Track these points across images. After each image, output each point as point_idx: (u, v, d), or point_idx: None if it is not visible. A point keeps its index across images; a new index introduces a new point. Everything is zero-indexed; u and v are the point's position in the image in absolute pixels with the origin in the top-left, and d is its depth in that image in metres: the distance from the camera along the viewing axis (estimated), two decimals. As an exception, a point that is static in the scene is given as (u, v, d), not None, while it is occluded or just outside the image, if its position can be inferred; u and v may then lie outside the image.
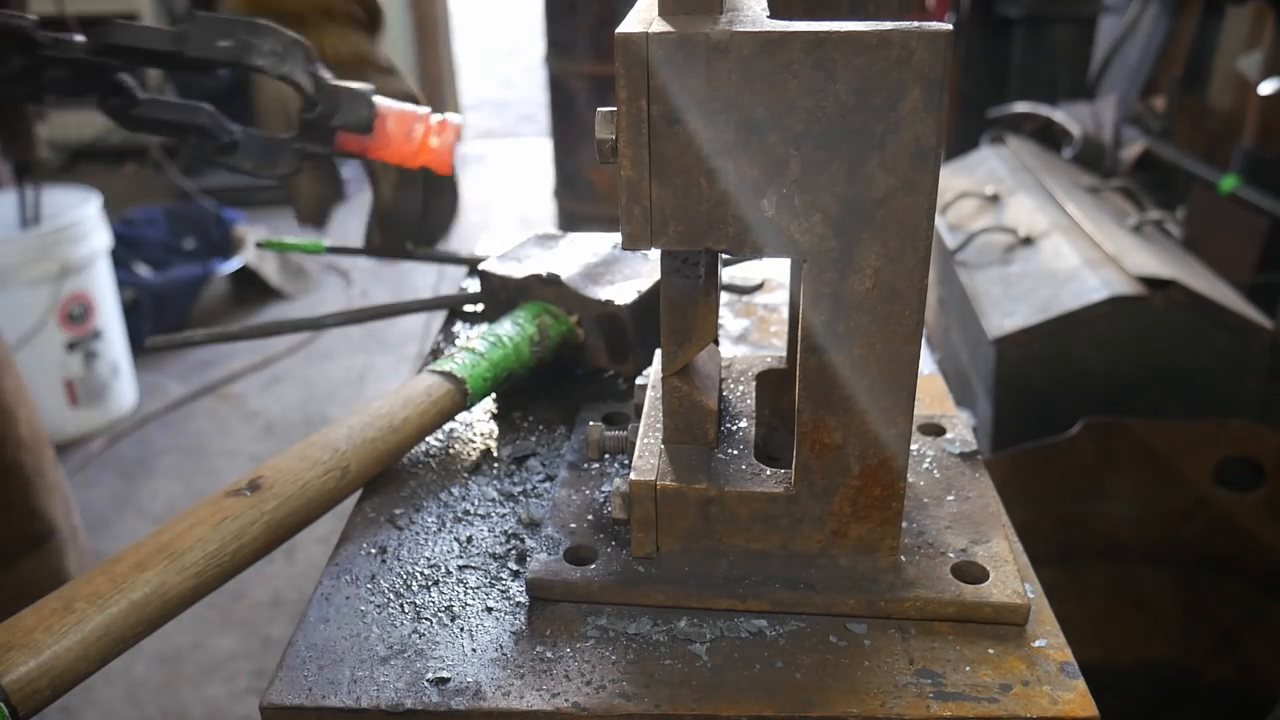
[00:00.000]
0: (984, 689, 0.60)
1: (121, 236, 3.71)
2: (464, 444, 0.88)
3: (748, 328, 1.07)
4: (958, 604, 0.65)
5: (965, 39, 3.03)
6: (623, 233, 0.61)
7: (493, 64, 8.38)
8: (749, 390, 0.79)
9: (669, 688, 0.61)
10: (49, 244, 2.97)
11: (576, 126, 3.68)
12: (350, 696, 0.61)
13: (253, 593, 2.53)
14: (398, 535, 0.76)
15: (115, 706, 2.22)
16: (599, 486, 0.77)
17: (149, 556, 0.65)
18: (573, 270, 0.95)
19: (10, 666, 0.57)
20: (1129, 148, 2.49)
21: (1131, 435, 1.51)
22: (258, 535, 0.69)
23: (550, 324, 0.93)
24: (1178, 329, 1.55)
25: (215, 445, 3.18)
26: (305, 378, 3.59)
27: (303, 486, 0.73)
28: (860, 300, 0.61)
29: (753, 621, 0.66)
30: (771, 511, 0.67)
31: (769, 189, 0.59)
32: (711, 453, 0.71)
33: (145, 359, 3.60)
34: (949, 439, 0.81)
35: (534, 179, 5.41)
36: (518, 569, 0.72)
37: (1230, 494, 1.52)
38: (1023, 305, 1.66)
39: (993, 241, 1.93)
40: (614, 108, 0.59)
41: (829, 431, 0.65)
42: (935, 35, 0.55)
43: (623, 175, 0.59)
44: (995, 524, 0.72)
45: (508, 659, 0.63)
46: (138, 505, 2.88)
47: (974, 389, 1.79)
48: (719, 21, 0.57)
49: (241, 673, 2.31)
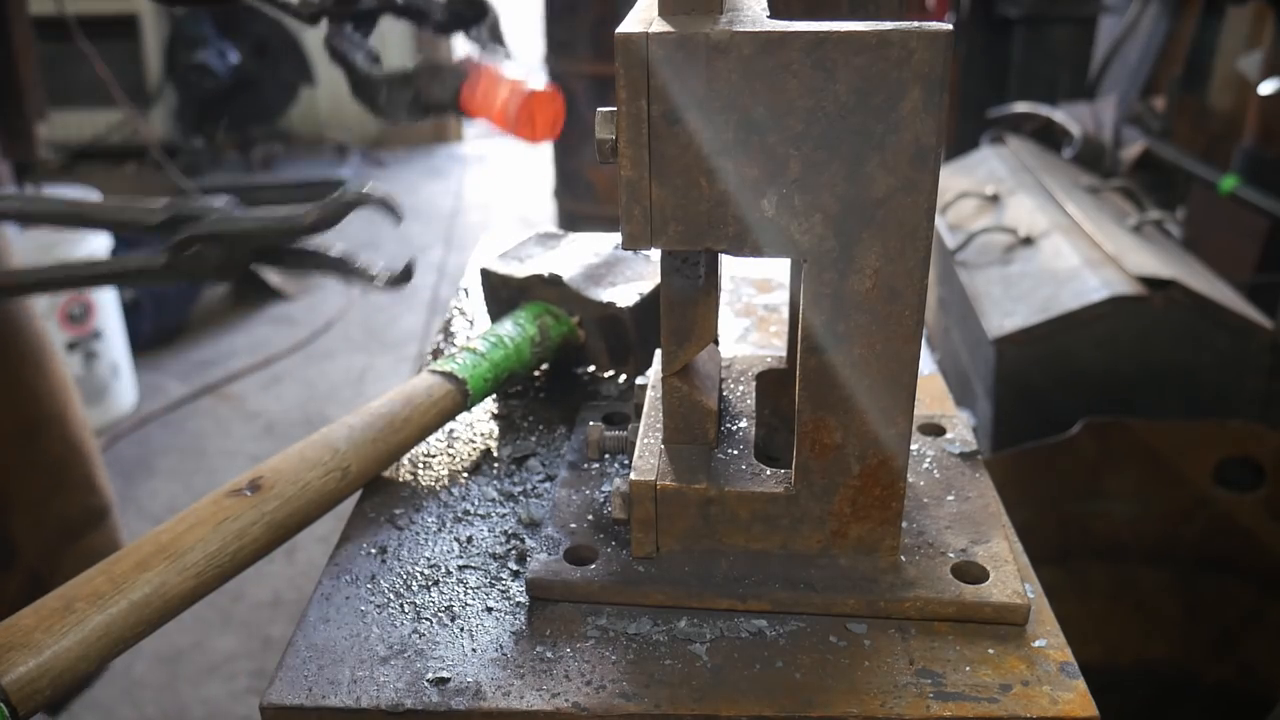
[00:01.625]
0: (984, 689, 0.60)
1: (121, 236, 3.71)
2: (464, 444, 0.88)
3: (748, 328, 1.07)
4: (958, 604, 0.65)
5: (965, 39, 3.03)
6: (623, 233, 0.61)
7: (493, 64, 8.37)
8: (749, 390, 0.79)
9: (669, 688, 0.61)
10: (49, 244, 2.97)
11: (576, 126, 3.68)
12: (350, 696, 0.61)
13: (253, 593, 2.53)
14: (398, 535, 0.76)
15: (115, 706, 2.22)
16: (599, 486, 0.77)
17: (149, 556, 0.64)
18: (574, 271, 0.95)
19: (10, 666, 0.57)
20: (1129, 148, 2.50)
21: (1131, 435, 1.51)
22: (258, 535, 0.69)
23: (551, 325, 0.93)
24: (1178, 329, 1.55)
25: (215, 445, 3.18)
26: (305, 378, 3.59)
27: (303, 486, 0.73)
28: (860, 300, 0.61)
29: (753, 621, 0.66)
30: (771, 511, 0.67)
31: (769, 189, 0.59)
32: (711, 453, 0.71)
33: (145, 359, 3.60)
34: (949, 439, 0.81)
35: (534, 179, 5.41)
36: (518, 569, 0.72)
37: (1230, 494, 1.52)
38: (1023, 305, 1.66)
39: (993, 241, 1.93)
40: (614, 108, 0.59)
41: (829, 431, 0.65)
42: (935, 35, 0.55)
43: (623, 175, 0.59)
44: (995, 524, 0.72)
45: (508, 659, 0.63)
46: (138, 505, 2.88)
47: (974, 389, 1.79)
48: (719, 21, 0.57)
49: (241, 673, 2.31)
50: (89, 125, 5.27)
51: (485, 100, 0.98)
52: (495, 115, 0.99)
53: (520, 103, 0.97)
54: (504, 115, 0.98)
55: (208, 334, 3.92)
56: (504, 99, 0.98)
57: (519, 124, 0.97)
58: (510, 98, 0.97)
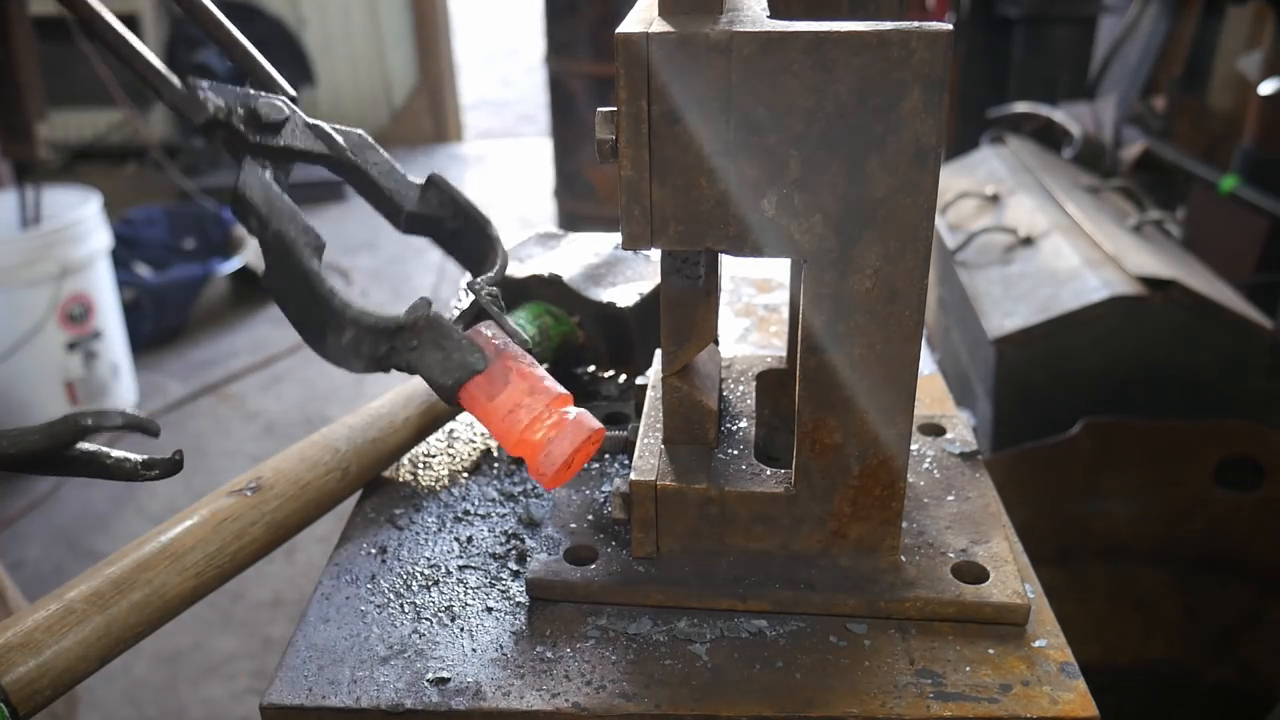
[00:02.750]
0: (984, 689, 0.60)
1: (121, 236, 3.71)
2: (464, 444, 0.87)
3: (748, 328, 1.07)
4: (958, 604, 0.65)
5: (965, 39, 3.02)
6: (623, 233, 0.61)
7: (493, 64, 8.38)
8: (749, 390, 0.79)
9: (669, 688, 0.61)
10: (49, 244, 2.97)
11: (576, 126, 3.68)
12: (350, 696, 0.61)
13: (253, 593, 2.53)
14: (398, 535, 0.76)
15: (115, 706, 2.22)
16: (599, 486, 0.77)
17: (149, 556, 0.65)
18: (574, 271, 0.95)
19: (10, 666, 0.57)
20: (1129, 148, 2.49)
21: (1131, 435, 1.51)
22: (258, 535, 0.69)
23: (551, 325, 0.93)
24: (1178, 329, 1.55)
25: (215, 445, 3.18)
26: (305, 378, 3.59)
27: (303, 487, 0.73)
28: (860, 300, 0.61)
29: (753, 621, 0.66)
30: (771, 511, 0.67)
31: (769, 189, 0.59)
32: (711, 453, 0.71)
33: (145, 359, 3.60)
34: (949, 439, 0.81)
35: (534, 179, 5.41)
36: (518, 569, 0.72)
37: (1230, 494, 1.52)
38: (1023, 305, 1.66)
39: (993, 241, 1.93)
40: (614, 108, 0.59)
41: (829, 431, 0.65)
42: (935, 35, 0.55)
43: (623, 175, 0.59)
44: (995, 524, 0.72)
45: (508, 659, 0.63)
46: (138, 505, 2.88)
47: (974, 389, 1.79)
48: (719, 21, 0.57)
49: (241, 673, 2.31)
50: (89, 125, 5.27)
51: (506, 420, 0.62)
52: (521, 446, 0.63)
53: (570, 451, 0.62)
54: (537, 453, 0.62)
55: (208, 334, 3.92)
56: (545, 436, 0.62)
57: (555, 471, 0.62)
58: (557, 439, 0.62)
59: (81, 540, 2.74)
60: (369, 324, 0.62)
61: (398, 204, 0.72)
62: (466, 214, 0.72)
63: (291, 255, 0.63)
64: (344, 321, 0.62)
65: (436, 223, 0.73)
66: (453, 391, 0.63)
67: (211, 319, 4.00)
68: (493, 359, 0.63)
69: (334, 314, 0.62)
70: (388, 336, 0.62)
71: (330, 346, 0.64)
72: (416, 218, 0.72)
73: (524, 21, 8.93)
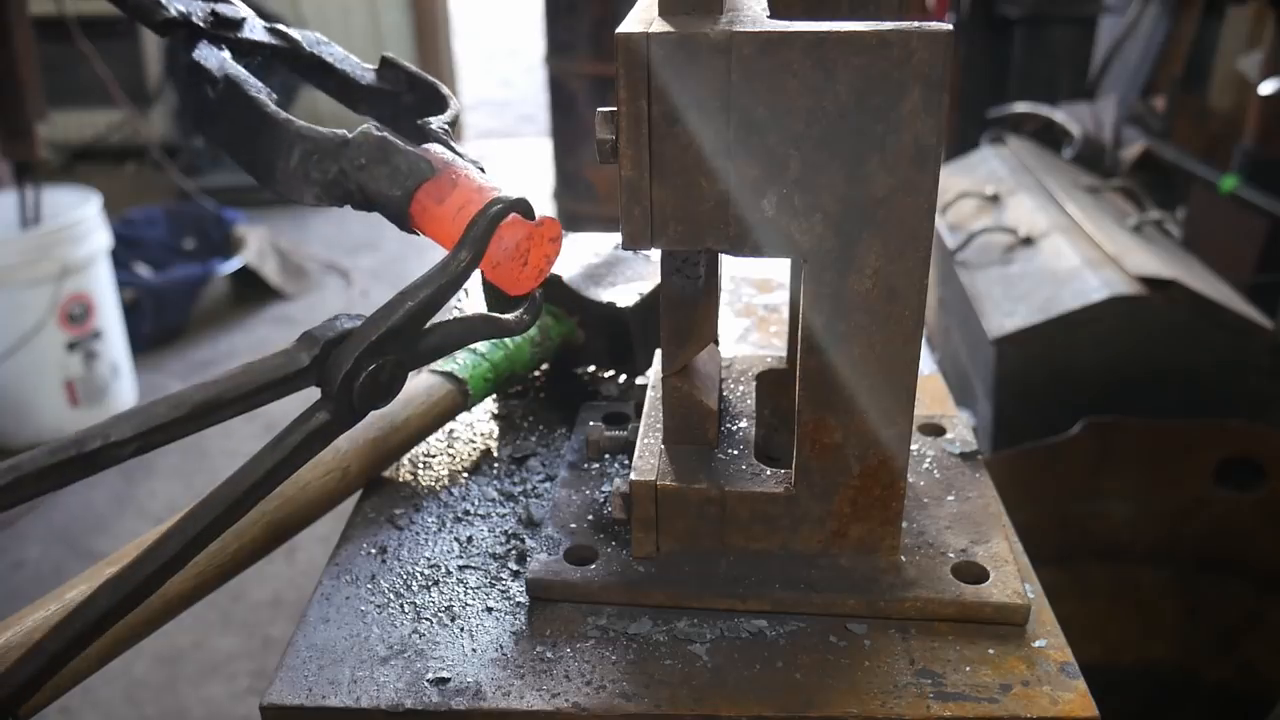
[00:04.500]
0: (984, 689, 0.60)
1: (121, 236, 3.71)
2: (464, 444, 0.87)
3: (748, 328, 1.07)
4: (958, 604, 0.65)
5: (965, 39, 3.02)
6: (623, 233, 0.61)
7: (493, 64, 8.37)
8: (749, 390, 0.79)
9: (669, 688, 0.61)
10: (49, 244, 2.97)
11: (576, 126, 3.68)
12: (350, 696, 0.61)
13: (253, 593, 2.53)
14: (398, 535, 0.76)
15: (115, 706, 2.22)
16: (599, 486, 0.77)
17: (149, 556, 0.64)
18: (574, 271, 0.95)
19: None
20: (1129, 148, 2.49)
21: (1131, 435, 1.51)
22: (258, 535, 0.69)
23: (551, 325, 0.93)
24: (1178, 329, 1.55)
25: (215, 445, 3.18)
26: (305, 378, 3.59)
27: (303, 486, 0.73)
28: (860, 300, 0.61)
29: (753, 621, 0.66)
30: (771, 511, 0.67)
31: (769, 189, 0.59)
32: (712, 453, 0.71)
33: (145, 359, 3.60)
34: (949, 439, 0.81)
35: (534, 179, 5.41)
36: (518, 569, 0.72)
37: (1230, 494, 1.52)
38: (1023, 305, 1.66)
39: (993, 241, 1.93)
40: (614, 108, 0.59)
41: (829, 431, 0.65)
42: (935, 35, 0.55)
43: (623, 175, 0.59)
44: (995, 524, 0.72)
45: (508, 659, 0.63)
46: (138, 505, 2.88)
47: (974, 389, 1.79)
48: (719, 21, 0.57)
49: (241, 673, 2.31)
50: (89, 125, 5.27)
51: (456, 218, 0.61)
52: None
53: (523, 236, 0.62)
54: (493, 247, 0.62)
55: (208, 334, 3.91)
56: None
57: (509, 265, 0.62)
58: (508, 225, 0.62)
59: (81, 540, 2.74)
60: (314, 136, 0.62)
61: (355, 83, 0.74)
62: (420, 83, 0.74)
63: (239, 90, 0.64)
64: (290, 138, 0.63)
65: (394, 98, 0.75)
66: (404, 203, 0.63)
67: (211, 319, 3.99)
68: (440, 169, 0.63)
69: (281, 134, 0.63)
70: (334, 155, 0.62)
71: (280, 174, 0.63)
72: (375, 94, 0.74)
73: (524, 21, 8.92)
